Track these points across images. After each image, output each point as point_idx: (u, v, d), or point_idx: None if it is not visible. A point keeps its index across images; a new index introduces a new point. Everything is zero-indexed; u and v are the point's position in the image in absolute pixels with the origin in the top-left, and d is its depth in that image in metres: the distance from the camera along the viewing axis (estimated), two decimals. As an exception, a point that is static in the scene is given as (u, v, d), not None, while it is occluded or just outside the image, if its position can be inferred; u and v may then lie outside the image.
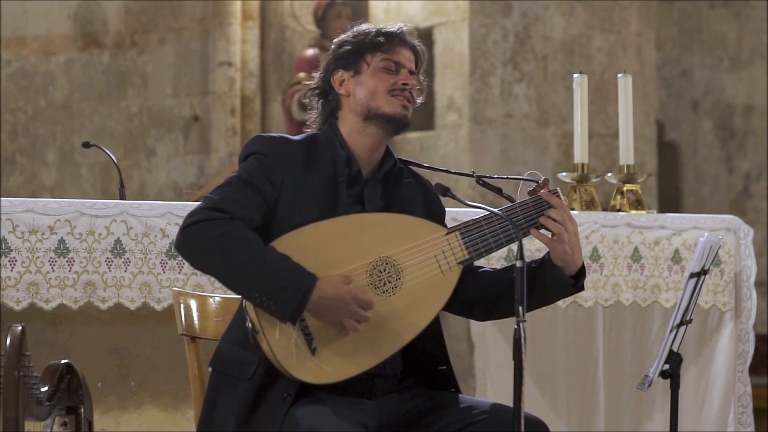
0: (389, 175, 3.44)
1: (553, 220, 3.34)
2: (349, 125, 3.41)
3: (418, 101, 3.47)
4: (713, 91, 9.89)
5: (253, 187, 3.28)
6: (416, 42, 3.47)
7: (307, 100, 3.51)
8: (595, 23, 8.00)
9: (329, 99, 3.44)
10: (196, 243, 3.21)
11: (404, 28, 3.46)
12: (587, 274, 3.43)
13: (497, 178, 3.54)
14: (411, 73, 3.42)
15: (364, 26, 3.47)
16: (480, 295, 3.40)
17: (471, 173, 3.53)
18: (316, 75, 3.49)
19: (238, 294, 3.25)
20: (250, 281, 3.18)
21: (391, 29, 3.44)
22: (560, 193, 3.39)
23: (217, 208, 3.23)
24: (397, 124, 3.39)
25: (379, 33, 3.43)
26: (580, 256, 3.37)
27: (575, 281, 3.38)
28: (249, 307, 3.21)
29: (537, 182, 3.41)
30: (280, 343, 3.18)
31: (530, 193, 3.41)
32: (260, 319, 3.19)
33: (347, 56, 3.42)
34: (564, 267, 3.36)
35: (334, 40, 3.50)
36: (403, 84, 3.39)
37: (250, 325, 3.20)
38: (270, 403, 3.22)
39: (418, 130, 8.21)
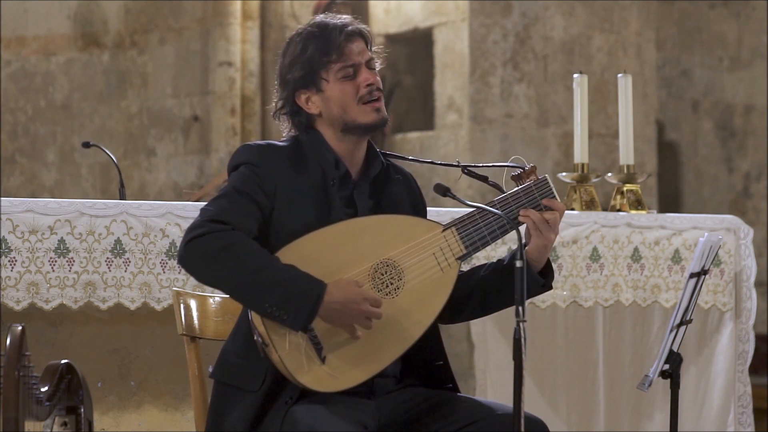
0: (378, 176, 3.44)
1: (547, 222, 3.33)
2: (327, 134, 3.40)
3: (377, 67, 3.42)
4: (713, 91, 9.89)
5: (248, 197, 3.26)
6: (357, 27, 3.39)
7: (277, 120, 3.47)
8: (595, 23, 8.00)
9: (301, 118, 3.41)
10: (201, 257, 3.18)
11: (338, 23, 3.37)
12: (587, 273, 3.42)
13: (482, 166, 3.54)
14: (369, 62, 3.38)
15: (303, 37, 3.38)
16: (449, 299, 3.37)
17: (456, 163, 3.53)
18: (276, 94, 3.43)
19: (246, 306, 3.23)
20: (260, 292, 3.15)
21: (329, 32, 3.35)
22: (549, 181, 3.38)
23: (217, 220, 3.21)
24: (375, 129, 3.39)
25: (317, 43, 3.35)
26: (550, 252, 3.38)
27: (544, 281, 3.38)
28: (256, 320, 3.19)
29: (522, 168, 3.40)
30: (291, 355, 3.17)
31: (514, 178, 3.39)
32: (269, 332, 3.17)
33: (303, 78, 3.37)
34: (536, 261, 3.35)
35: (283, 56, 3.41)
36: (368, 85, 3.36)
37: (259, 339, 3.19)
38: (274, 409, 3.22)
39: (418, 130, 8.22)
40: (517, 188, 3.37)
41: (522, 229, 3.26)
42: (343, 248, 3.26)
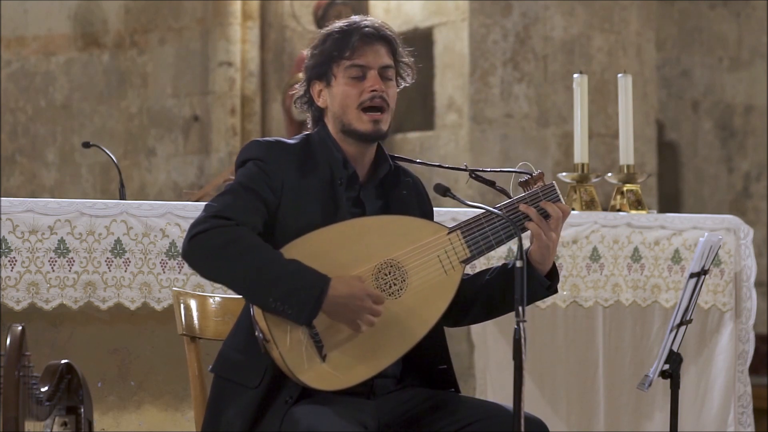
0: (386, 178, 3.44)
1: (547, 220, 3.33)
2: (333, 132, 3.41)
3: (408, 82, 3.44)
4: (713, 91, 9.89)
5: (254, 193, 3.27)
6: (381, 31, 3.37)
7: (298, 107, 3.49)
8: (595, 23, 8.00)
9: (314, 109, 3.43)
10: (205, 252, 3.19)
11: (364, 23, 3.37)
12: (587, 273, 3.42)
13: (490, 171, 3.53)
14: (384, 68, 3.37)
15: (328, 28, 3.40)
16: (453, 302, 3.37)
17: (464, 167, 3.52)
18: (300, 83, 3.46)
19: (251, 301, 3.23)
20: (264, 287, 3.16)
21: (348, 28, 3.36)
22: (557, 187, 3.38)
23: (221, 216, 3.21)
24: (370, 140, 3.38)
25: (337, 37, 3.35)
26: (554, 254, 3.37)
27: (549, 283, 3.38)
28: (258, 316, 3.19)
29: (530, 174, 3.39)
30: (292, 352, 3.17)
31: (521, 184, 3.39)
32: (270, 328, 3.17)
33: (317, 67, 3.38)
34: (540, 263, 3.34)
35: (311, 45, 3.43)
36: (372, 91, 3.35)
37: (260, 334, 3.19)
38: (274, 408, 3.22)
39: (418, 130, 8.22)
40: (524, 193, 3.37)
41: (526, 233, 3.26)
42: (348, 247, 3.26)
